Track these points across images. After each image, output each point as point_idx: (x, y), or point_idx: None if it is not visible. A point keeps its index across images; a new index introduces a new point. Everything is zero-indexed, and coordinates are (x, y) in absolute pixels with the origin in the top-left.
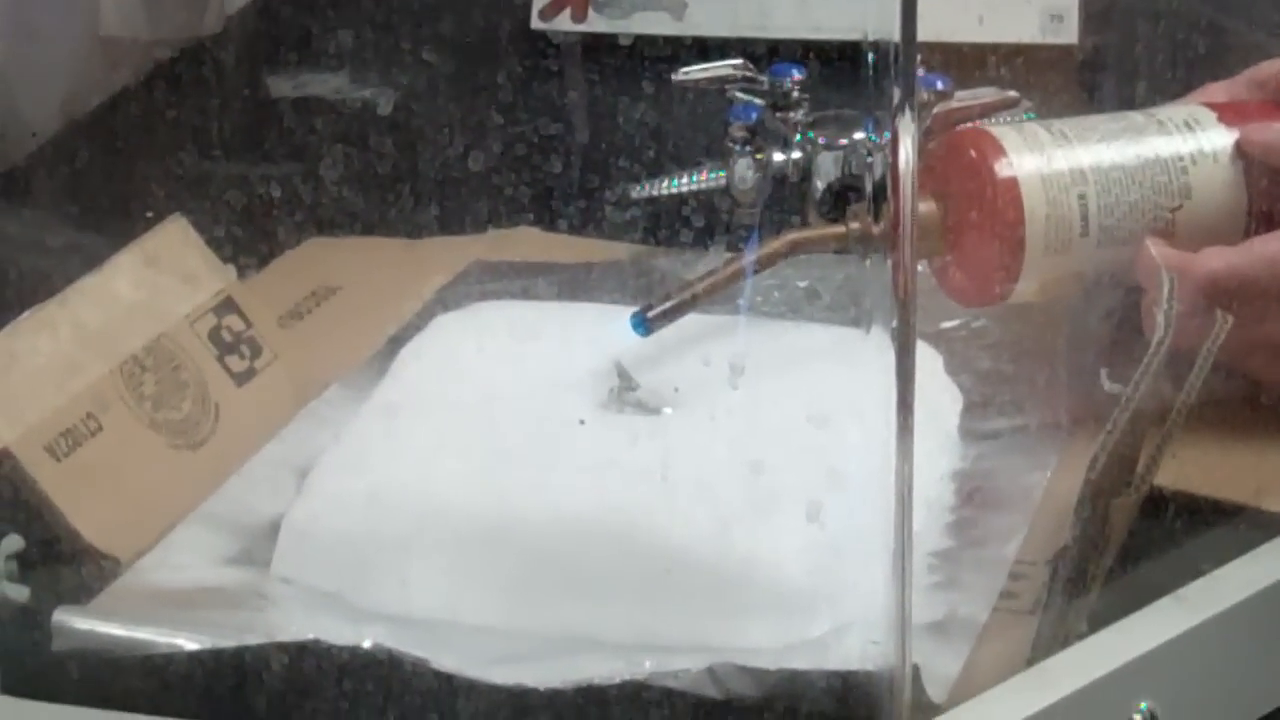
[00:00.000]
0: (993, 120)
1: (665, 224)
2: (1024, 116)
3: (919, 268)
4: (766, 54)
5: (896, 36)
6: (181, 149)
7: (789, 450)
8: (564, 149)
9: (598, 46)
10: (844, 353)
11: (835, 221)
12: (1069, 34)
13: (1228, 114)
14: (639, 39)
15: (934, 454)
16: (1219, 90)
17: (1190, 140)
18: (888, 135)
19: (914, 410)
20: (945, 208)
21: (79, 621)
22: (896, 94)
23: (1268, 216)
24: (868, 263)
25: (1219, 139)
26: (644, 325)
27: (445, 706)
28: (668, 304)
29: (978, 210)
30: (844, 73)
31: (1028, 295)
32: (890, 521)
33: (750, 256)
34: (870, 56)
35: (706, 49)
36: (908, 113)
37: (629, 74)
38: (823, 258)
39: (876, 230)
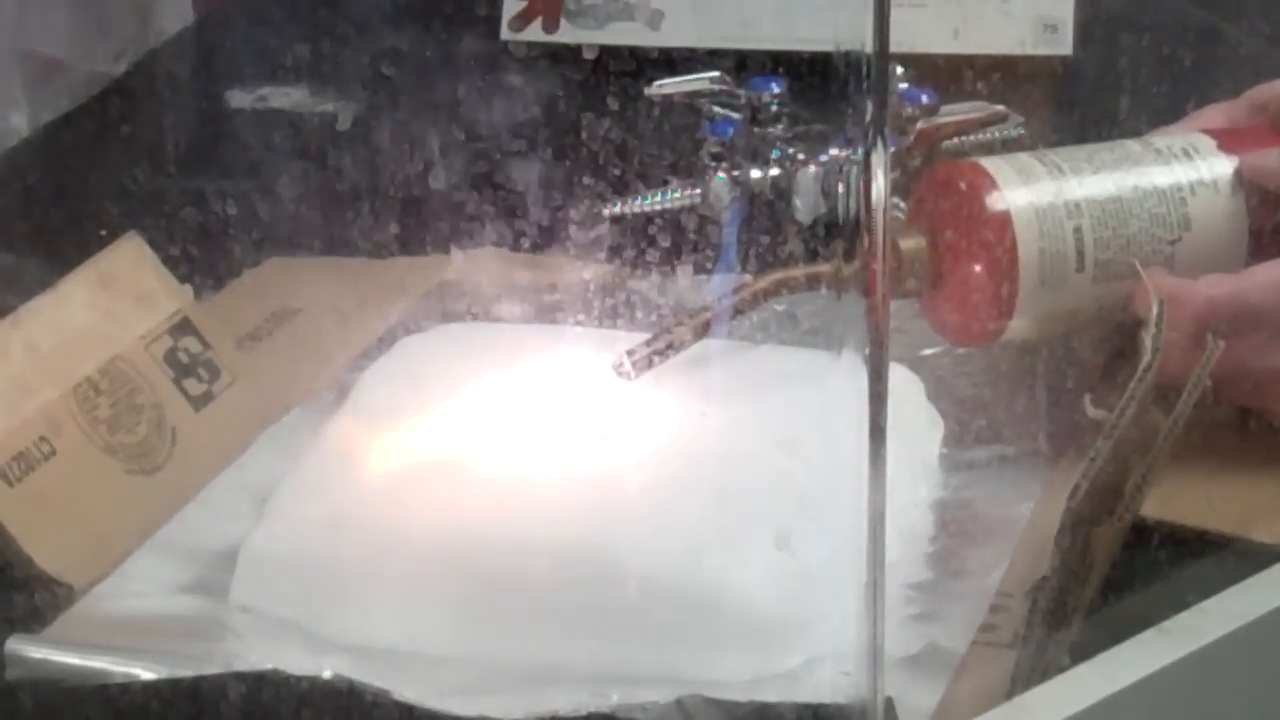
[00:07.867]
0: (981, 134)
1: (635, 244)
2: (1014, 132)
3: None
4: (736, 66)
5: (869, 48)
6: (137, 165)
7: (757, 476)
8: (532, 166)
9: (567, 58)
10: (814, 376)
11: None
12: (1063, 45)
13: (1227, 140)
14: (604, 50)
15: (912, 482)
16: (1218, 113)
17: (1189, 169)
18: (860, 152)
19: (886, 437)
20: (935, 244)
21: (32, 650)
22: (869, 111)
23: (1269, 246)
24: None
25: (1219, 167)
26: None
27: None
28: (646, 350)
29: (969, 246)
30: (822, 86)
31: (1021, 333)
32: (863, 550)
33: (730, 300)
34: (843, 70)
35: (675, 61)
36: (880, 146)
37: (600, 87)
38: None
39: (847, 271)
